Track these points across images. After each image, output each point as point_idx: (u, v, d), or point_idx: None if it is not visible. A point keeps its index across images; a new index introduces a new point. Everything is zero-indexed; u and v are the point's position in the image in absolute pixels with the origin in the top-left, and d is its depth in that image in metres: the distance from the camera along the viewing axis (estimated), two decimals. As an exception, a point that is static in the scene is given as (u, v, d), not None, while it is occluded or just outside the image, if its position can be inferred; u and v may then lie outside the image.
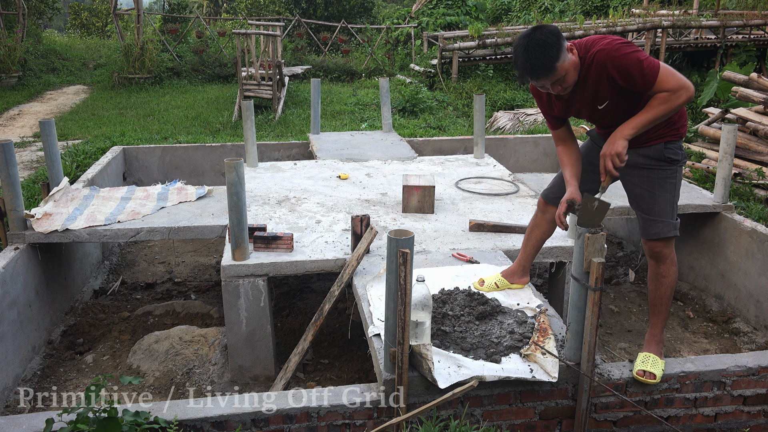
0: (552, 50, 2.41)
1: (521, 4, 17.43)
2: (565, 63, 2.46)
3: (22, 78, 11.98)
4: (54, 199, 4.47)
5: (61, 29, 25.04)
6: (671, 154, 2.73)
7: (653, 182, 2.76)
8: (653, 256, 2.85)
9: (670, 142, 2.72)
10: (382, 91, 6.88)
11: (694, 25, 12.37)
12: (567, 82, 2.53)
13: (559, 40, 2.43)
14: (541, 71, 2.45)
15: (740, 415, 2.99)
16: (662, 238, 2.80)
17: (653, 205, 2.78)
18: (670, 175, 2.76)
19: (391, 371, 2.62)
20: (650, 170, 2.75)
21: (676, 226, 2.80)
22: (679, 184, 2.82)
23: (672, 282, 2.87)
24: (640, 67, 2.44)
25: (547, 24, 2.52)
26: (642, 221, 2.85)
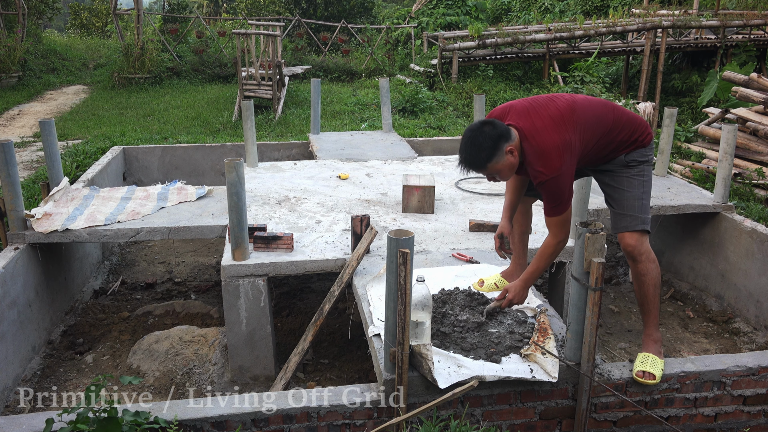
0: (484, 153, 2.63)
1: (521, 4, 17.42)
2: (497, 164, 2.67)
3: (22, 78, 11.98)
4: (54, 199, 4.47)
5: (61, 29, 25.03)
6: (634, 158, 2.84)
7: (621, 180, 2.86)
8: (628, 254, 2.91)
9: (629, 153, 2.84)
10: (382, 91, 6.88)
11: (694, 25, 12.37)
12: (501, 177, 2.75)
13: (495, 145, 2.62)
14: (472, 167, 2.68)
15: (740, 415, 2.99)
16: (631, 232, 2.85)
17: (621, 201, 2.87)
18: (637, 173, 2.85)
19: (391, 371, 2.62)
20: (618, 171, 2.87)
21: (644, 220, 2.86)
22: (649, 182, 2.90)
23: (653, 279, 2.89)
24: (557, 200, 2.70)
25: (494, 124, 2.66)
26: (612, 216, 2.95)
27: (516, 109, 2.76)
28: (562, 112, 2.69)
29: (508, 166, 2.68)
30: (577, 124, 2.68)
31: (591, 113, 2.74)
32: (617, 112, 2.81)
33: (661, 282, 2.99)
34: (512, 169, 2.71)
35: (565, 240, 2.81)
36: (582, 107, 2.74)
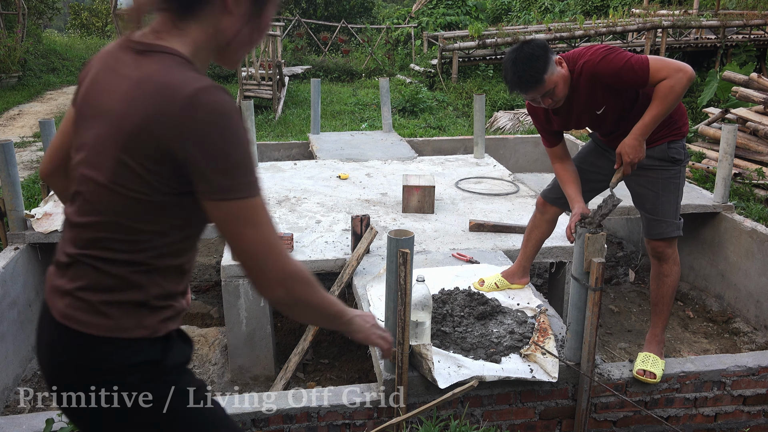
0: (539, 62, 2.44)
1: (521, 4, 17.43)
2: (553, 76, 2.49)
3: (22, 78, 11.98)
4: (54, 199, 4.47)
5: (61, 29, 25.03)
6: (675, 153, 2.74)
7: (657, 182, 2.77)
8: (656, 255, 2.86)
9: (673, 141, 2.73)
10: (382, 91, 6.88)
11: (694, 25, 12.37)
12: (557, 95, 2.55)
13: (546, 53, 2.47)
14: (530, 83, 2.48)
15: (740, 415, 2.99)
16: (665, 238, 2.81)
17: (657, 205, 2.79)
18: (674, 175, 2.77)
19: (391, 371, 2.62)
20: (655, 171, 2.76)
21: (679, 226, 2.81)
22: (683, 184, 2.83)
23: (674, 282, 2.88)
24: (629, 65, 2.45)
25: (535, 38, 2.55)
26: (645, 221, 2.86)
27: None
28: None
29: (563, 78, 2.52)
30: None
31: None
32: None
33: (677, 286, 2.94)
34: (566, 82, 2.54)
35: (684, 70, 2.41)
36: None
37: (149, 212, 1.20)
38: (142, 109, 1.13)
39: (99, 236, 1.24)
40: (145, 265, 1.24)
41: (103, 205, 1.21)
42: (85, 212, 1.25)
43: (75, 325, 1.25)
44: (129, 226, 1.21)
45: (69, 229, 1.31)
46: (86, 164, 1.23)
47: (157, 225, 1.22)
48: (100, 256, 1.24)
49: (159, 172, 1.16)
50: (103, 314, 1.24)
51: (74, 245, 1.28)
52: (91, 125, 1.23)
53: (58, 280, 1.31)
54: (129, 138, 1.15)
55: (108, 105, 1.20)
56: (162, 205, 1.20)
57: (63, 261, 1.32)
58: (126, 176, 1.17)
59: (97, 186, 1.21)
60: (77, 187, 1.27)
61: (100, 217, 1.23)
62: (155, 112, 1.12)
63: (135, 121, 1.14)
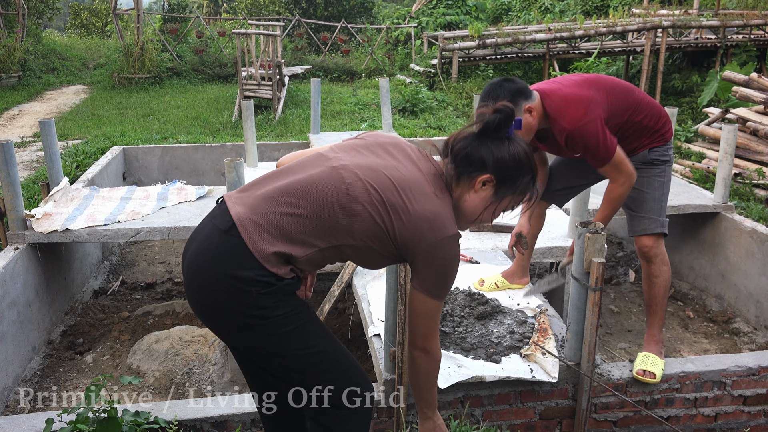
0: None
1: (521, 4, 17.42)
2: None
3: (22, 78, 11.98)
4: (54, 199, 4.47)
5: (61, 29, 25.04)
6: (657, 156, 2.79)
7: (641, 180, 2.80)
8: (643, 255, 2.89)
9: (655, 147, 2.78)
10: (382, 91, 6.88)
11: (694, 25, 12.36)
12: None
13: (513, 99, 2.48)
14: None
15: (740, 415, 2.99)
16: (649, 235, 2.84)
17: (640, 203, 2.83)
18: (658, 173, 2.81)
19: (391, 371, 2.62)
20: (638, 170, 2.79)
21: (663, 223, 2.83)
22: (668, 183, 2.86)
23: (664, 282, 2.89)
24: (596, 148, 2.58)
25: (514, 80, 2.57)
26: (629, 218, 2.92)
27: (540, 83, 2.73)
28: (587, 77, 2.65)
29: (525, 125, 2.54)
30: (602, 88, 2.62)
31: (618, 86, 2.69)
32: (642, 94, 2.75)
33: (670, 285, 2.97)
34: (530, 130, 2.58)
35: (628, 181, 2.64)
36: (606, 78, 2.70)
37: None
38: (414, 222, 1.71)
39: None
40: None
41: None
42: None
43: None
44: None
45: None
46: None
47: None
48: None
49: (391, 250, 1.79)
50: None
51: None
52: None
53: None
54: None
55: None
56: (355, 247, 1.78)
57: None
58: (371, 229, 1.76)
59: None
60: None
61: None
62: (419, 233, 1.71)
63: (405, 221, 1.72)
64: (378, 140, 1.87)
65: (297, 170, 1.81)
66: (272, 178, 1.83)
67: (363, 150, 1.83)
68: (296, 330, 1.78)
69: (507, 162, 1.75)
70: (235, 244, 1.71)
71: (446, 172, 1.79)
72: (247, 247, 1.69)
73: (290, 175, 1.80)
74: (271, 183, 1.81)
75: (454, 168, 1.78)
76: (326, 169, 1.76)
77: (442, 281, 1.78)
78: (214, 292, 1.73)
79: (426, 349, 1.88)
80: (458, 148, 1.79)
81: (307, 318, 1.83)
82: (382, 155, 1.81)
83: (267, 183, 1.82)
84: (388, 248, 1.76)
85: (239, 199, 1.79)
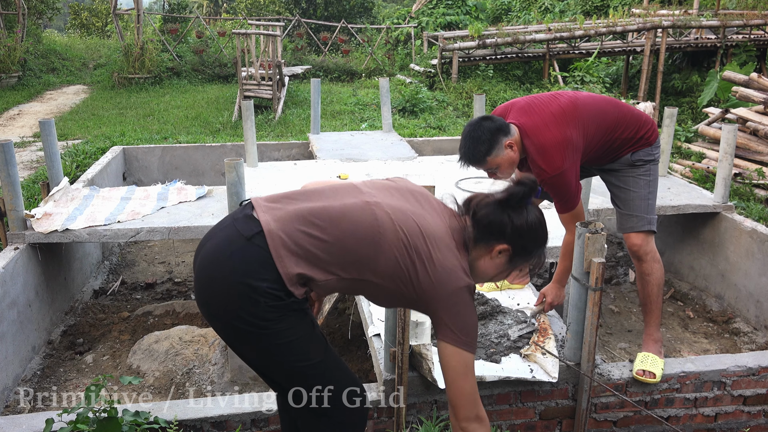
0: (483, 146, 2.59)
1: (521, 4, 17.42)
2: (497, 158, 2.61)
3: (22, 78, 11.98)
4: (54, 199, 4.47)
5: (61, 29, 25.04)
6: (641, 157, 2.82)
7: (627, 179, 2.85)
8: (633, 253, 2.91)
9: (637, 151, 2.81)
10: (382, 91, 6.88)
11: (694, 25, 12.37)
12: (501, 173, 2.69)
13: (493, 138, 2.57)
14: (472, 161, 2.64)
15: (740, 415, 2.99)
16: (637, 232, 2.86)
17: (627, 201, 2.86)
18: (643, 173, 2.84)
19: (391, 371, 2.62)
20: (624, 171, 2.85)
21: (650, 221, 2.85)
22: (655, 182, 2.89)
23: (657, 280, 2.90)
24: (563, 198, 2.72)
25: (493, 119, 2.64)
26: (618, 216, 2.95)
27: (517, 107, 2.74)
28: (564, 108, 2.68)
29: (507, 160, 2.63)
30: (579, 121, 2.67)
31: (594, 110, 2.72)
32: (621, 109, 2.79)
33: (663, 282, 2.99)
34: (512, 164, 2.67)
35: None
36: (584, 104, 2.72)
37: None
38: (436, 271, 1.77)
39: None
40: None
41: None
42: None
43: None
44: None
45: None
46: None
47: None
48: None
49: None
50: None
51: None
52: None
53: None
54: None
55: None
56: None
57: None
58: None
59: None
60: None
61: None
62: (440, 282, 1.77)
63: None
64: (408, 186, 1.96)
65: (330, 196, 1.84)
66: (304, 196, 1.85)
67: (395, 192, 1.89)
68: (294, 342, 1.80)
69: (524, 233, 1.85)
70: (256, 253, 1.73)
71: (466, 232, 1.87)
72: (270, 259, 1.72)
73: (323, 199, 1.83)
74: (303, 202, 1.83)
75: (474, 231, 1.86)
76: (360, 203, 1.80)
77: (470, 329, 1.80)
78: (224, 294, 1.75)
79: (480, 417, 1.83)
80: (481, 215, 1.86)
81: (306, 332, 1.84)
82: (412, 201, 1.89)
83: (299, 201, 1.83)
84: (406, 292, 1.79)
85: (270, 210, 1.80)
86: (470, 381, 1.80)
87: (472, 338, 1.81)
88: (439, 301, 1.76)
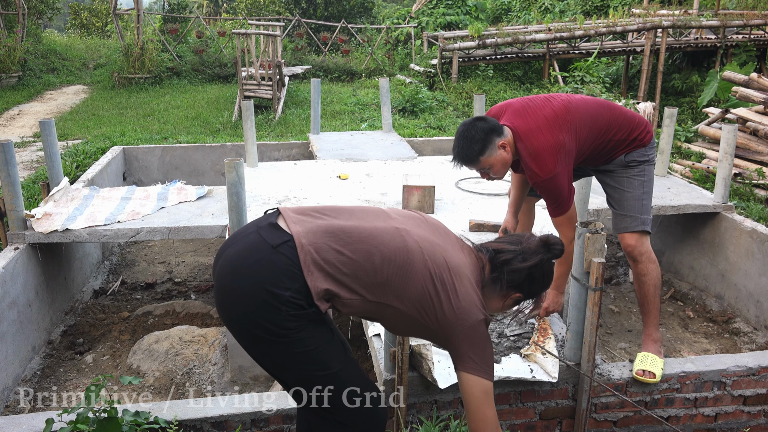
0: (476, 146, 2.61)
1: (521, 4, 17.42)
2: (490, 158, 2.64)
3: (22, 78, 11.98)
4: (54, 199, 4.47)
5: (61, 29, 25.03)
6: (635, 158, 2.83)
7: (622, 180, 2.86)
8: (628, 254, 2.92)
9: (630, 152, 2.82)
10: (382, 91, 6.88)
11: (694, 25, 12.37)
12: (494, 173, 2.72)
13: (486, 137, 2.60)
14: (465, 161, 2.66)
15: (740, 415, 2.99)
16: (631, 233, 2.87)
17: (622, 201, 2.88)
18: (637, 173, 2.85)
19: (391, 371, 2.62)
20: (618, 171, 2.87)
21: (644, 221, 2.86)
22: (650, 183, 2.90)
23: (653, 280, 2.91)
24: (556, 200, 2.73)
25: (486, 119, 2.65)
26: (613, 216, 2.97)
27: (511, 109, 2.76)
28: (557, 112, 2.69)
29: (501, 160, 2.66)
30: (571, 124, 2.68)
31: (586, 113, 2.74)
32: (614, 112, 2.80)
33: (661, 282, 3.00)
34: (505, 164, 2.69)
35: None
36: (577, 107, 2.73)
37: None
38: (459, 304, 1.83)
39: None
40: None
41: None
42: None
43: None
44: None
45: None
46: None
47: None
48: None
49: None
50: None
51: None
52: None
53: None
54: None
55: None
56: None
57: None
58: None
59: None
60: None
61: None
62: (462, 314, 1.82)
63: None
64: (430, 220, 2.01)
65: (361, 217, 1.87)
66: (334, 213, 1.88)
67: (421, 224, 1.95)
68: (312, 351, 1.83)
69: (538, 283, 1.97)
70: (281, 262, 1.75)
71: (486, 273, 1.95)
72: (296, 268, 1.74)
73: (353, 219, 1.86)
74: (333, 219, 1.85)
75: (492, 274, 1.94)
76: (390, 228, 1.84)
77: (489, 358, 1.86)
78: (245, 301, 1.76)
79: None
80: (507, 271, 1.93)
81: (325, 340, 1.86)
82: (437, 234, 1.93)
83: (329, 217, 1.86)
84: (428, 321, 1.83)
85: (300, 223, 1.82)
86: (492, 408, 1.86)
87: (491, 367, 1.87)
88: (460, 332, 1.81)
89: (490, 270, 1.94)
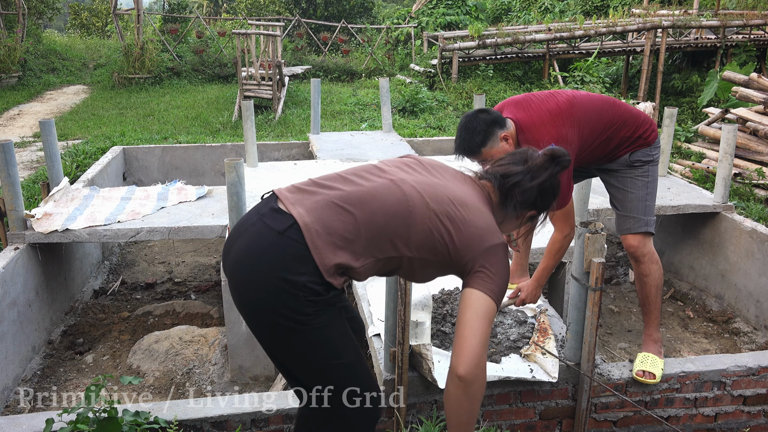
0: (478, 137, 2.58)
1: (521, 4, 17.42)
2: (492, 150, 2.61)
3: (22, 78, 11.98)
4: (54, 199, 4.47)
5: (61, 29, 25.04)
6: (639, 158, 2.81)
7: (626, 180, 2.85)
8: (630, 255, 2.91)
9: (635, 151, 2.80)
10: (382, 91, 6.88)
11: (694, 25, 12.37)
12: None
13: (488, 129, 2.57)
14: (467, 152, 2.64)
15: (740, 415, 2.99)
16: (634, 234, 2.86)
17: (625, 202, 2.87)
18: (641, 174, 2.83)
19: (391, 371, 2.62)
20: (622, 171, 2.85)
21: (648, 222, 2.85)
22: (654, 183, 2.88)
23: (655, 280, 2.90)
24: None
25: (489, 111, 2.64)
26: (616, 217, 2.95)
27: (514, 102, 2.74)
28: (561, 107, 2.67)
29: (503, 153, 2.58)
30: (575, 119, 2.66)
31: (590, 108, 2.72)
32: (619, 109, 2.78)
33: (662, 283, 2.99)
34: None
35: (571, 234, 2.79)
36: (581, 102, 2.72)
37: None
38: (470, 230, 1.80)
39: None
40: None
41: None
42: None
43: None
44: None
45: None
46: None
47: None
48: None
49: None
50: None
51: None
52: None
53: None
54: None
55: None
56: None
57: None
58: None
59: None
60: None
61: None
62: (477, 238, 1.80)
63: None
64: (423, 161, 1.98)
65: (354, 180, 1.86)
66: (330, 182, 1.86)
67: (417, 168, 1.93)
68: (329, 339, 1.82)
69: (551, 197, 1.96)
70: (291, 247, 1.73)
71: (494, 199, 1.93)
72: (306, 251, 1.73)
73: (348, 183, 1.84)
74: (329, 189, 1.83)
75: (499, 197, 1.93)
76: (386, 182, 1.83)
77: (502, 283, 1.82)
78: (261, 291, 1.75)
79: (481, 366, 1.76)
80: (517, 192, 1.91)
81: (341, 330, 1.86)
82: (434, 173, 1.91)
83: (324, 188, 1.84)
84: (442, 259, 1.82)
85: (298, 201, 1.81)
86: (487, 327, 1.77)
87: (502, 293, 1.82)
88: (478, 256, 1.79)
89: (499, 195, 1.93)
